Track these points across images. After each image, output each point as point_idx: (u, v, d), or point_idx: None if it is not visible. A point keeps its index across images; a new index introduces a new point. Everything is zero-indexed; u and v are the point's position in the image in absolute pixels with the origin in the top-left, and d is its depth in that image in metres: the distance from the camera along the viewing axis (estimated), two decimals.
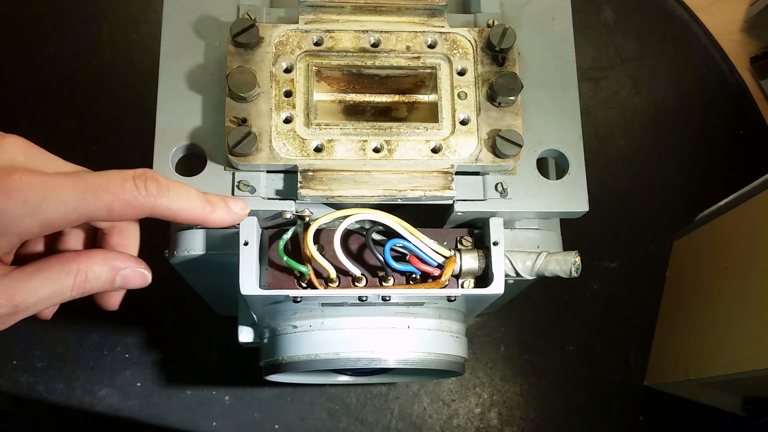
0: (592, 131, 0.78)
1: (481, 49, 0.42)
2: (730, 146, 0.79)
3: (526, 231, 0.45)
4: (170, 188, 0.33)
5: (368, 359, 0.44)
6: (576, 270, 0.42)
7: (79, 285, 0.34)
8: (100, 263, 0.35)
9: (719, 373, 0.59)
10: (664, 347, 0.70)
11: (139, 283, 0.36)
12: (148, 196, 0.32)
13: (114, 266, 0.35)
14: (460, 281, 0.42)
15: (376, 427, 0.68)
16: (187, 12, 0.43)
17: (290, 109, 0.40)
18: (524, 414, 0.70)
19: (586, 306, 0.73)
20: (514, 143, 0.40)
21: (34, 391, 0.66)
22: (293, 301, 0.41)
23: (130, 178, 0.32)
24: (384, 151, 0.40)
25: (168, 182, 0.34)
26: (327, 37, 0.42)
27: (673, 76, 0.81)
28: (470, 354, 0.66)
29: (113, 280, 0.35)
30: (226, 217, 0.37)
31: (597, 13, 0.82)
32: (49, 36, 0.76)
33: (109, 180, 0.32)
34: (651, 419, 0.70)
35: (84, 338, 0.68)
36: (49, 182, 0.31)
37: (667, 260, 0.74)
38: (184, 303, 0.68)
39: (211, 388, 0.67)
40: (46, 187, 0.30)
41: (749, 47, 0.84)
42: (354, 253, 0.42)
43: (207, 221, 0.36)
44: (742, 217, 0.63)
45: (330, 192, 0.39)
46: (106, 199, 0.31)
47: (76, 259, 0.34)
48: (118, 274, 0.35)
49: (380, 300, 0.41)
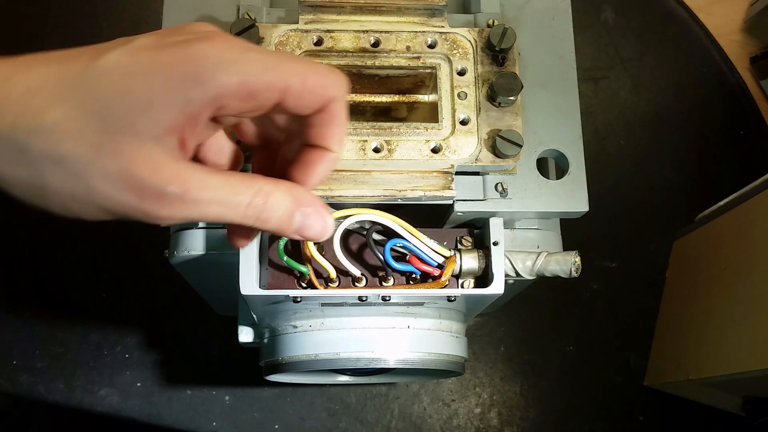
0: (592, 131, 0.78)
1: (481, 49, 0.42)
2: (730, 146, 0.79)
3: (526, 231, 0.45)
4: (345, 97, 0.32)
5: (368, 359, 0.44)
6: (576, 270, 0.42)
7: (255, 206, 0.30)
8: (284, 191, 0.30)
9: (719, 373, 0.59)
10: (664, 347, 0.70)
11: (317, 232, 0.32)
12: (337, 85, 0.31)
13: (299, 200, 0.31)
14: (460, 281, 0.42)
15: (376, 427, 0.68)
16: (187, 12, 0.43)
17: None
18: (524, 414, 0.70)
19: (586, 306, 0.73)
20: (514, 143, 0.40)
21: (34, 391, 0.66)
22: (293, 301, 0.41)
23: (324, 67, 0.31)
24: (384, 151, 0.40)
25: None
26: (327, 37, 0.42)
27: (673, 76, 0.81)
28: (470, 354, 0.67)
29: (292, 217, 0.31)
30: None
31: (597, 13, 0.82)
32: (49, 36, 0.76)
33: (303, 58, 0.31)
34: (651, 419, 0.70)
35: (84, 338, 0.68)
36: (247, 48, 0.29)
37: (667, 260, 0.74)
38: (184, 303, 0.68)
39: (211, 388, 0.67)
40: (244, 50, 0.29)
41: (749, 47, 0.84)
42: (354, 253, 0.42)
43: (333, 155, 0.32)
44: (742, 217, 0.63)
45: (330, 192, 0.39)
46: (302, 69, 0.29)
47: (262, 179, 0.30)
48: (300, 210, 0.31)
49: (380, 300, 0.41)
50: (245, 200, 0.30)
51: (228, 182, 0.29)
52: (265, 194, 0.30)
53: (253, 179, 0.30)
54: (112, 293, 0.69)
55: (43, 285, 0.69)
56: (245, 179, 0.30)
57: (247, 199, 0.30)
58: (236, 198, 0.29)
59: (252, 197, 0.30)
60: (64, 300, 0.69)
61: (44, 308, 0.68)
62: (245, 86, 0.28)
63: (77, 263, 0.70)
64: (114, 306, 0.69)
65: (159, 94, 0.27)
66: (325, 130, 0.32)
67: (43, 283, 0.69)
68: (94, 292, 0.69)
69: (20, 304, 0.69)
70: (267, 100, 0.29)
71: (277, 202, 0.30)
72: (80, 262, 0.70)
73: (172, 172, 0.28)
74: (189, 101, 0.28)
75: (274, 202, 0.30)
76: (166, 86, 0.27)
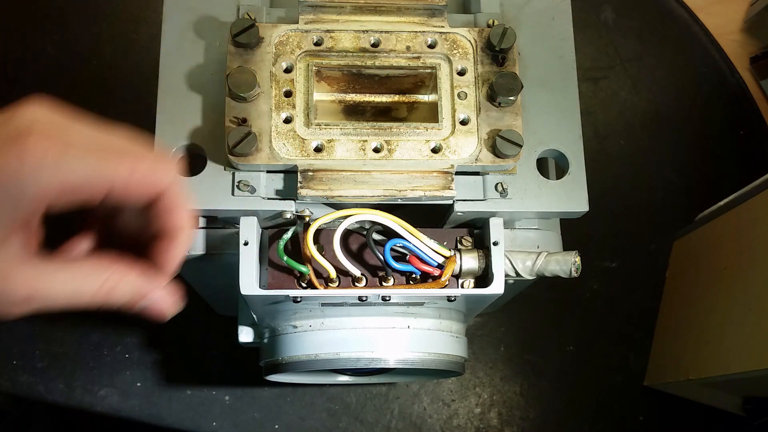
0: (592, 131, 0.78)
1: (481, 49, 0.42)
2: (730, 146, 0.79)
3: (526, 231, 0.45)
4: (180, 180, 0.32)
5: (368, 359, 0.44)
6: (576, 270, 0.42)
7: (102, 294, 0.32)
8: (133, 280, 0.32)
9: (719, 373, 0.59)
10: (664, 347, 0.70)
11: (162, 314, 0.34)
12: (167, 173, 0.31)
13: (143, 290, 0.33)
14: (460, 281, 0.42)
15: (376, 427, 0.68)
16: (187, 12, 0.43)
17: (290, 109, 0.40)
18: (524, 414, 0.70)
19: (586, 306, 0.73)
20: (514, 143, 0.40)
21: (34, 391, 0.66)
22: (293, 301, 0.41)
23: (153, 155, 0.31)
24: (384, 151, 0.40)
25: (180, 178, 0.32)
26: (327, 37, 0.42)
27: (673, 76, 0.81)
28: (470, 354, 0.66)
29: (137, 303, 0.33)
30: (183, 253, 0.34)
31: (597, 13, 0.82)
32: (49, 36, 0.76)
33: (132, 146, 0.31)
34: (651, 419, 0.70)
35: (84, 338, 0.68)
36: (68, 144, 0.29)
37: (667, 260, 0.74)
38: (184, 303, 0.68)
39: (211, 388, 0.67)
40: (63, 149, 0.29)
41: (749, 47, 0.84)
42: (354, 253, 0.42)
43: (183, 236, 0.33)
44: (742, 217, 0.63)
45: (330, 192, 0.39)
46: (128, 164, 0.30)
47: (112, 266, 0.32)
48: (143, 300, 0.33)
49: (380, 300, 0.41)
50: (92, 289, 0.31)
51: (76, 275, 0.31)
52: (112, 283, 0.32)
53: (101, 268, 0.32)
54: None
55: None
56: (94, 269, 0.32)
57: (94, 287, 0.31)
58: (84, 288, 0.31)
59: (100, 285, 0.32)
60: None
61: None
62: (68, 187, 0.29)
63: None
64: None
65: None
66: (167, 216, 0.32)
67: None
68: None
69: None
70: (94, 196, 0.30)
71: (124, 290, 0.32)
72: None
73: (18, 277, 0.30)
74: (15, 211, 0.29)
75: (121, 290, 0.32)
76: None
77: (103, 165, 0.29)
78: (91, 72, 0.75)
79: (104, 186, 0.30)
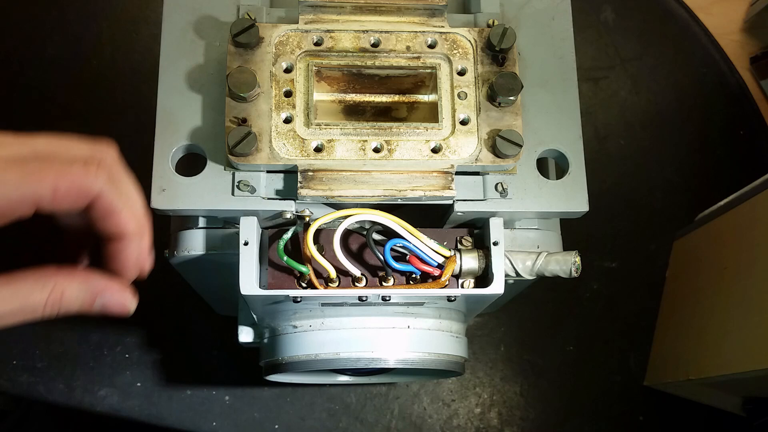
0: (592, 131, 0.78)
1: (481, 49, 0.42)
2: (730, 146, 0.79)
3: (526, 231, 0.45)
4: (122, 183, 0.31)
5: (368, 359, 0.44)
6: (576, 270, 0.42)
7: (52, 303, 0.31)
8: (80, 284, 0.32)
9: (719, 373, 0.59)
10: (664, 347, 0.70)
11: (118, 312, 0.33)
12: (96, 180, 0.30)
13: (94, 289, 0.32)
14: (460, 281, 0.42)
15: (376, 427, 0.68)
16: (187, 12, 0.43)
17: (290, 109, 0.41)
18: (524, 414, 0.70)
19: (586, 306, 0.73)
20: (514, 143, 0.40)
21: (34, 391, 0.66)
22: (293, 301, 0.41)
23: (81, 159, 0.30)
24: (384, 151, 0.40)
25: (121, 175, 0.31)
26: (327, 37, 0.42)
27: (673, 76, 0.81)
28: (470, 354, 0.66)
29: (92, 304, 0.32)
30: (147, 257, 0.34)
31: (597, 13, 0.82)
32: (49, 36, 0.76)
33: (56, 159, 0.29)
34: (651, 419, 0.70)
35: (84, 338, 0.68)
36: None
37: (667, 260, 0.74)
38: (184, 303, 0.68)
39: (211, 388, 0.67)
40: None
41: (749, 47, 0.84)
42: (354, 253, 0.42)
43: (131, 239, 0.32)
44: (742, 217, 0.63)
45: (330, 192, 0.39)
46: (51, 180, 0.29)
47: (54, 275, 0.31)
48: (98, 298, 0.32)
49: (380, 300, 0.41)
50: (41, 300, 0.31)
51: (20, 289, 0.30)
52: (60, 290, 0.31)
53: (44, 277, 0.31)
54: None
55: None
56: (39, 278, 0.31)
57: (42, 298, 0.31)
58: (31, 302, 0.30)
59: (48, 295, 0.31)
60: None
61: None
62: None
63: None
64: None
65: None
66: (106, 222, 0.31)
67: None
68: None
69: None
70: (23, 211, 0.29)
71: (74, 295, 0.31)
72: None
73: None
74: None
75: (71, 295, 0.31)
76: None
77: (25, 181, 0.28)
78: (91, 72, 0.75)
79: (30, 203, 0.29)
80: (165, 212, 0.40)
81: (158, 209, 0.39)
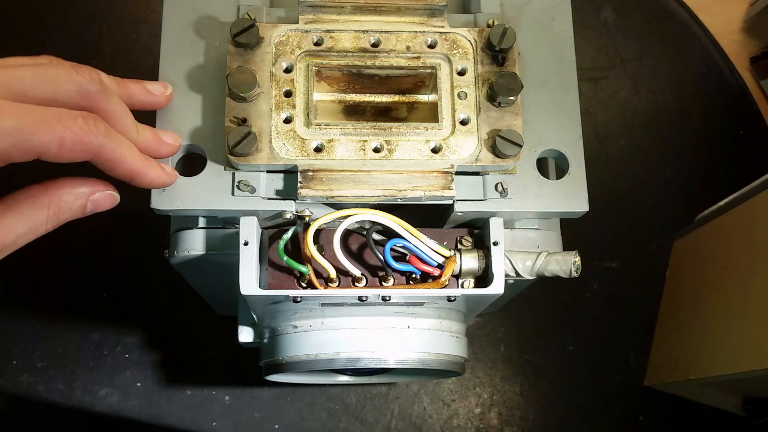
0: (592, 131, 0.78)
1: (481, 49, 0.42)
2: (730, 146, 0.79)
3: (526, 231, 0.45)
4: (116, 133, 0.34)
5: (368, 359, 0.44)
6: (576, 270, 0.42)
7: (53, 216, 0.34)
8: (69, 191, 0.34)
9: (719, 373, 0.59)
10: (664, 347, 0.70)
11: (109, 205, 0.36)
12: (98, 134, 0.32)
13: (83, 193, 0.35)
14: (460, 281, 0.42)
15: (376, 427, 0.68)
16: (187, 12, 0.43)
17: (290, 109, 0.41)
18: (524, 414, 0.70)
19: (586, 306, 0.73)
20: (514, 143, 0.40)
21: (34, 391, 0.66)
22: (293, 301, 0.41)
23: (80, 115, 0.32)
24: (384, 151, 0.40)
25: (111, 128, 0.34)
26: (327, 37, 0.42)
27: (673, 76, 0.81)
28: (470, 354, 0.67)
29: (85, 207, 0.35)
30: (161, 174, 0.37)
31: (597, 13, 0.82)
32: (49, 36, 0.76)
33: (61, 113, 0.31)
34: (651, 419, 0.70)
35: (84, 338, 0.68)
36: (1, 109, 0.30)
37: (667, 260, 0.74)
38: (184, 303, 0.68)
39: (211, 388, 0.67)
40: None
41: (749, 47, 0.84)
42: (354, 253, 0.42)
43: (144, 175, 0.36)
44: (742, 217, 0.63)
45: (330, 192, 0.39)
46: (59, 131, 0.31)
47: (45, 191, 0.34)
48: (89, 200, 0.35)
49: (380, 300, 0.41)
50: (42, 217, 0.33)
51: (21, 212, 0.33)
52: (56, 204, 0.34)
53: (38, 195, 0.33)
54: (112, 293, 0.69)
55: (43, 285, 0.69)
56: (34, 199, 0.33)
57: (43, 215, 0.33)
58: (35, 222, 0.33)
59: (47, 212, 0.33)
60: (64, 300, 0.69)
61: (44, 308, 0.68)
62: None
63: (77, 263, 0.70)
64: (114, 306, 0.69)
65: None
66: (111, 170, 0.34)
67: (43, 283, 0.69)
68: (94, 292, 0.69)
69: (20, 304, 0.69)
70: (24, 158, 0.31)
71: (68, 204, 0.34)
72: (80, 262, 0.70)
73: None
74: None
75: (65, 205, 0.34)
76: None
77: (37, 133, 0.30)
78: None
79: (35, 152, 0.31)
80: (165, 212, 0.40)
81: (158, 209, 0.39)
